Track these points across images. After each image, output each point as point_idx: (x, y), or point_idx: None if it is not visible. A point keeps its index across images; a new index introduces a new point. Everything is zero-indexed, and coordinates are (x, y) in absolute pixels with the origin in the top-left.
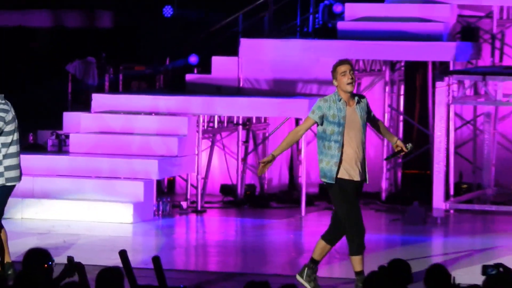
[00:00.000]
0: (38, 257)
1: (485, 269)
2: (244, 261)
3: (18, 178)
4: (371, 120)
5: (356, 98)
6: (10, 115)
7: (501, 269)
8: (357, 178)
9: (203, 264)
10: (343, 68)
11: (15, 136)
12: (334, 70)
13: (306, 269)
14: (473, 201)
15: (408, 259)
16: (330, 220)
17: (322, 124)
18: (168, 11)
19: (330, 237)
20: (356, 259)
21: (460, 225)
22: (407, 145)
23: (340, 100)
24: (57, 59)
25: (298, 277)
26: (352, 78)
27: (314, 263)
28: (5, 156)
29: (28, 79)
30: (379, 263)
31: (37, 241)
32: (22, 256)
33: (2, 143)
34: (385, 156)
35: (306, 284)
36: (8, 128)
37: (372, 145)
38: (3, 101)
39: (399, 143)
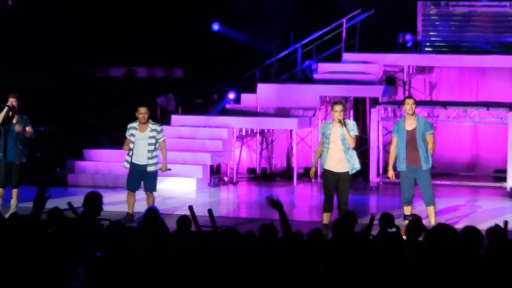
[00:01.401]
0: (154, 213)
1: (404, 216)
2: (260, 211)
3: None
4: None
5: (342, 121)
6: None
7: (414, 217)
8: (334, 170)
9: (237, 213)
10: (336, 108)
11: None
12: (332, 106)
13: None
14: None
15: (355, 211)
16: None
17: (323, 137)
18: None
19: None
20: (325, 215)
21: (386, 191)
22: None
23: (331, 123)
24: (151, 94)
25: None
26: (340, 115)
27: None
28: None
29: (134, 107)
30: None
31: (143, 201)
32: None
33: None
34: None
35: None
36: None
37: None
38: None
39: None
